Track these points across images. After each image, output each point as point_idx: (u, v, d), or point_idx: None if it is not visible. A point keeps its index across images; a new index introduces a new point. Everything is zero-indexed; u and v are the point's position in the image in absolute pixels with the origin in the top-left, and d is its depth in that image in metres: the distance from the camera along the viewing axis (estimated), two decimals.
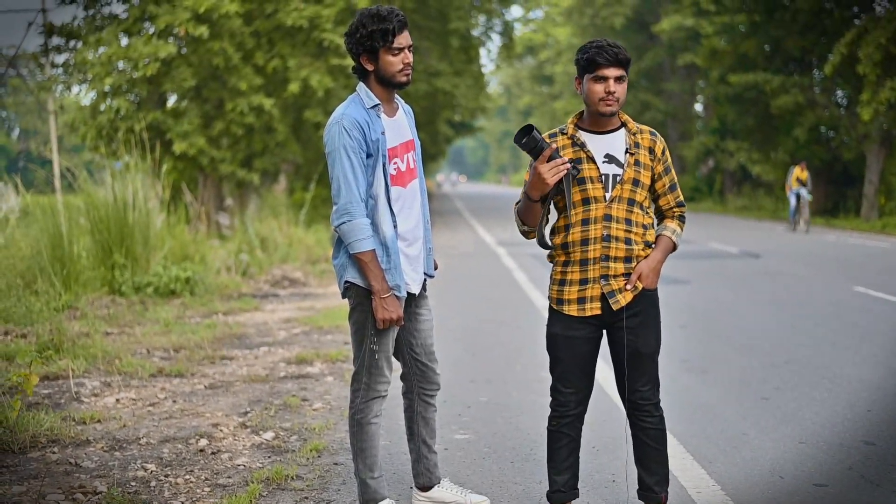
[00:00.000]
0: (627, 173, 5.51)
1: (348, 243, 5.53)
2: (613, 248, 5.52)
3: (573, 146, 5.56)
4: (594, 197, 5.50)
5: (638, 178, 5.53)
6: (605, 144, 5.55)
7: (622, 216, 5.53)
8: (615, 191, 5.50)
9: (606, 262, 5.53)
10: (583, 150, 5.52)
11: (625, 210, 5.53)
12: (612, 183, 5.51)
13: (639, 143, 5.58)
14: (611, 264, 5.54)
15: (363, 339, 5.71)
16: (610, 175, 5.52)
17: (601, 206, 5.51)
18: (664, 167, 5.66)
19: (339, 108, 5.64)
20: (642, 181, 5.56)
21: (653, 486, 5.82)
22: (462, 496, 6.22)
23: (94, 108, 23.26)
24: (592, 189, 5.50)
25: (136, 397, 9.02)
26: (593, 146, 5.54)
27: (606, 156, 5.53)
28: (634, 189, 5.53)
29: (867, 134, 37.80)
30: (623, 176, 5.50)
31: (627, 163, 5.52)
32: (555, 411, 5.80)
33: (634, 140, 5.58)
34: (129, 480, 6.66)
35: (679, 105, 63.71)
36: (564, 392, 5.73)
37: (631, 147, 5.55)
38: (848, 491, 6.53)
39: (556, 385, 5.76)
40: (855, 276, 19.10)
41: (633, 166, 5.52)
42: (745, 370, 10.49)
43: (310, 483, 6.66)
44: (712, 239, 29.31)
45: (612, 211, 5.51)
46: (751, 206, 49.79)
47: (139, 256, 15.60)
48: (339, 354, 10.92)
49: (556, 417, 5.80)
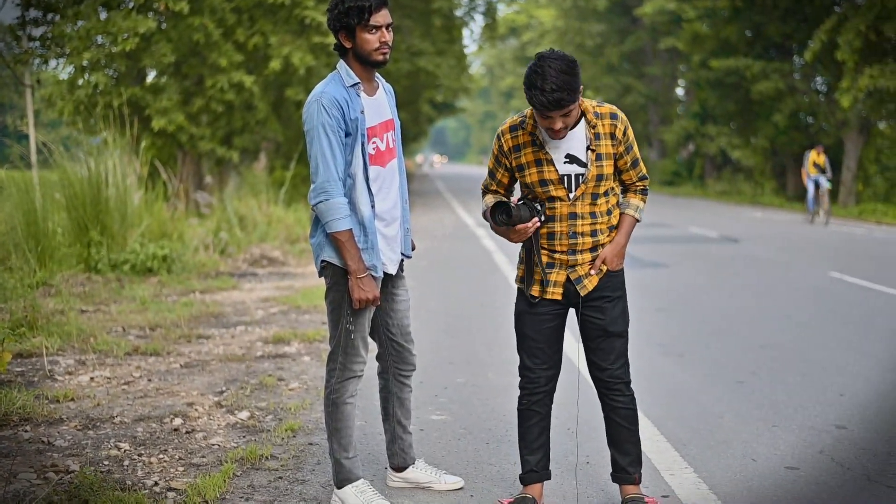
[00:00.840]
0: (591, 171, 5.48)
1: (325, 222, 5.50)
2: (580, 243, 5.54)
3: (533, 144, 5.53)
4: (557, 196, 5.50)
5: (601, 172, 5.51)
6: (565, 143, 5.49)
7: (587, 211, 5.53)
8: (579, 190, 5.49)
9: (574, 255, 5.56)
10: (541, 151, 5.49)
11: (589, 205, 5.53)
12: (576, 183, 5.50)
13: (599, 135, 5.51)
14: (578, 256, 5.57)
15: (339, 318, 5.69)
16: (572, 175, 5.49)
17: (565, 204, 5.51)
18: (626, 146, 5.61)
19: (319, 86, 5.61)
20: (606, 173, 5.53)
21: (626, 467, 5.83)
22: (436, 477, 6.21)
23: (72, 82, 23.08)
24: (555, 190, 5.50)
25: (111, 376, 8.99)
26: (553, 146, 5.49)
27: (567, 156, 5.49)
28: (598, 184, 5.52)
29: (846, 121, 37.91)
30: (587, 175, 5.48)
31: (590, 160, 5.49)
32: (524, 389, 5.80)
33: (594, 132, 5.51)
34: (102, 459, 6.64)
35: (660, 89, 63.78)
36: (534, 369, 5.73)
37: (592, 142, 5.49)
38: (819, 474, 6.55)
39: (525, 362, 5.77)
40: (831, 262, 19.15)
41: (594, 163, 5.49)
42: (721, 354, 10.51)
43: (284, 463, 6.65)
44: (692, 223, 29.35)
45: (577, 209, 5.51)
46: (730, 191, 49.88)
47: (116, 234, 15.51)
48: (317, 334, 10.90)
49: (526, 395, 5.80)
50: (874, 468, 6.67)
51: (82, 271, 14.84)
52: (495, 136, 5.73)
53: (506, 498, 5.90)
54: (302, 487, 6.20)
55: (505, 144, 5.62)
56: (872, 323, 12.39)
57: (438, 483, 6.19)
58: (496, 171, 5.77)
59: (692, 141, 56.73)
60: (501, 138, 5.65)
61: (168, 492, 6.03)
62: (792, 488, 6.27)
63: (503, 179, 5.76)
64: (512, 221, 5.41)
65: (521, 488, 5.94)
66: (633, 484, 5.82)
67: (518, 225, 5.43)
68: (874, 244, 23.84)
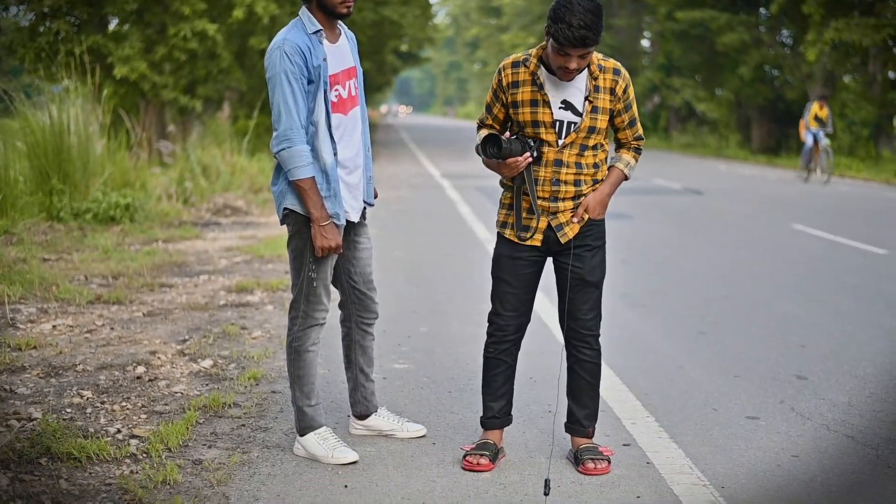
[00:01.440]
0: (584, 122, 5.46)
1: (288, 170, 5.49)
2: (562, 191, 5.52)
3: (532, 84, 5.49)
4: (546, 141, 5.49)
5: (594, 125, 5.49)
6: (564, 88, 5.46)
7: (572, 161, 5.51)
8: (569, 138, 5.47)
9: (555, 202, 5.53)
10: (540, 91, 5.46)
11: (576, 155, 5.51)
12: (567, 130, 5.47)
13: (599, 87, 5.48)
14: (560, 204, 5.54)
15: (301, 266, 5.69)
16: (565, 122, 5.46)
17: (552, 150, 5.49)
18: (625, 104, 5.60)
19: (281, 33, 5.57)
20: (599, 126, 5.51)
21: (581, 420, 5.85)
22: (399, 425, 6.23)
23: (33, 29, 22.89)
24: (545, 133, 5.48)
25: (73, 324, 8.95)
26: (551, 89, 5.46)
27: (563, 102, 5.46)
28: (589, 136, 5.50)
29: (810, 74, 38.00)
30: (580, 124, 5.46)
31: (585, 111, 5.46)
32: (492, 336, 5.81)
33: (595, 84, 5.48)
34: (64, 407, 6.62)
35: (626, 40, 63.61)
36: (504, 315, 5.73)
37: (591, 93, 5.46)
38: (779, 423, 6.60)
39: (497, 308, 5.76)
40: (794, 215, 19.25)
41: (590, 114, 5.46)
42: (683, 305, 10.57)
43: (247, 410, 6.65)
44: (656, 175, 29.39)
45: (563, 156, 5.49)
46: (695, 144, 49.98)
47: (78, 182, 15.41)
48: (280, 283, 10.88)
49: (493, 343, 5.81)
50: (834, 418, 6.73)
51: (44, 220, 14.76)
52: (497, 69, 5.68)
53: (468, 444, 5.92)
54: (265, 435, 6.20)
55: (505, 79, 5.58)
56: (834, 275, 12.47)
57: (401, 431, 6.21)
58: (493, 106, 5.72)
59: (657, 93, 56.75)
60: (502, 72, 5.61)
61: (131, 439, 6.03)
62: (752, 437, 6.32)
63: (499, 115, 5.71)
64: (502, 154, 5.37)
65: (481, 433, 5.96)
66: (587, 437, 5.85)
67: (508, 158, 5.40)
68: (838, 197, 23.95)
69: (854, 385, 7.56)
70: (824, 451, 6.08)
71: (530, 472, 5.63)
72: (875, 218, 19.53)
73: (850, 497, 5.37)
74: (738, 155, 42.78)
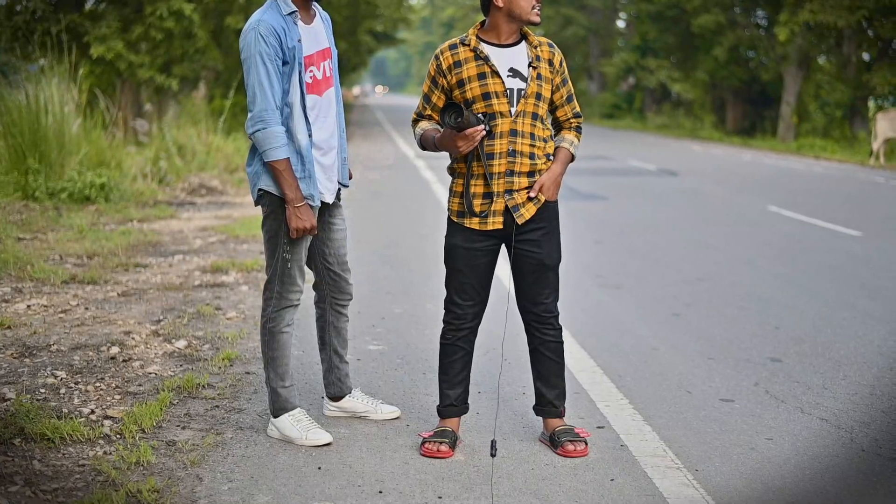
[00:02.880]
0: (531, 87, 5.49)
1: (263, 151, 5.48)
2: (518, 163, 5.50)
3: (476, 59, 5.51)
4: (500, 112, 5.48)
5: (540, 91, 5.52)
6: (508, 58, 5.52)
7: (527, 131, 5.51)
8: (520, 105, 5.48)
9: (511, 176, 5.51)
10: (486, 63, 5.48)
11: (529, 125, 5.51)
12: (517, 97, 5.49)
13: (539, 56, 5.55)
14: (515, 179, 5.51)
15: (276, 247, 5.68)
16: (515, 90, 5.49)
17: (507, 120, 5.48)
18: (562, 79, 5.66)
19: (256, 14, 5.56)
20: (544, 94, 5.55)
21: (553, 401, 5.85)
22: (373, 406, 6.24)
23: (10, 8, 22.81)
24: (498, 104, 5.48)
25: (48, 304, 8.93)
26: (497, 60, 5.50)
27: (510, 70, 5.49)
28: (537, 103, 5.52)
29: (785, 55, 38.11)
30: (527, 90, 5.49)
31: (531, 76, 5.50)
32: (450, 324, 5.79)
33: (536, 53, 5.55)
34: (38, 387, 6.61)
35: (601, 21, 63.80)
36: (462, 304, 5.71)
37: (533, 60, 5.52)
38: (753, 406, 6.63)
39: (454, 297, 5.74)
40: (769, 196, 19.32)
41: (535, 80, 5.50)
42: (658, 287, 10.59)
43: (221, 392, 6.65)
44: (631, 156, 29.44)
45: (518, 126, 5.49)
46: (670, 125, 50.08)
47: (53, 161, 15.37)
48: (255, 264, 10.87)
49: (451, 331, 5.79)
50: (808, 401, 6.76)
51: (19, 199, 14.73)
52: (432, 57, 5.69)
53: (426, 431, 5.92)
54: (239, 416, 6.20)
55: (444, 62, 5.58)
56: (809, 257, 12.52)
57: (375, 412, 6.22)
58: (431, 95, 5.71)
59: (632, 74, 56.85)
60: (440, 56, 5.60)
61: (104, 420, 6.02)
62: (726, 420, 6.34)
63: (438, 103, 5.68)
64: (461, 124, 5.34)
65: (438, 421, 5.96)
66: (559, 417, 5.86)
67: (467, 129, 5.38)
68: (812, 178, 24.04)
69: (828, 368, 7.59)
70: (798, 434, 6.10)
71: (504, 453, 5.64)
72: (850, 200, 19.60)
73: (824, 480, 5.40)
74: (712, 136, 42.90)
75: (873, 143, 28.56)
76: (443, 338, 5.84)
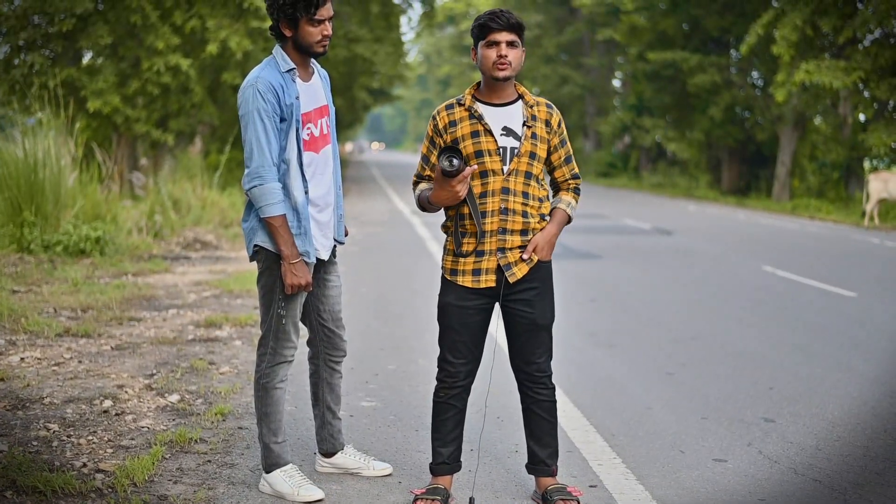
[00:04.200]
0: (525, 146, 5.53)
1: (259, 207, 5.51)
2: (511, 221, 5.53)
3: (470, 118, 5.57)
4: (492, 170, 5.52)
5: (535, 150, 5.56)
6: (502, 117, 5.57)
7: (520, 189, 5.54)
8: (513, 164, 5.52)
9: (504, 234, 5.54)
10: (480, 122, 5.53)
11: (522, 183, 5.55)
12: (510, 156, 5.53)
13: (535, 116, 5.61)
14: (508, 237, 5.54)
15: (271, 303, 5.70)
16: (508, 148, 5.53)
17: (499, 178, 5.52)
18: (560, 139, 5.70)
19: (254, 71, 5.61)
20: (539, 154, 5.59)
21: (545, 459, 5.84)
22: (365, 463, 6.23)
23: (8, 62, 22.92)
24: (490, 162, 5.51)
25: (41, 356, 8.93)
26: (490, 118, 5.56)
27: (504, 128, 5.55)
28: (531, 162, 5.56)
29: (781, 115, 38.25)
30: (520, 149, 5.52)
31: (525, 135, 5.54)
32: (443, 382, 5.79)
33: (531, 112, 5.60)
34: (30, 440, 6.60)
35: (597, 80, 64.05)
36: (454, 363, 5.72)
37: (528, 120, 5.57)
38: (747, 466, 6.62)
39: (446, 356, 5.75)
40: (763, 256, 19.34)
41: (529, 139, 5.55)
42: (652, 345, 10.59)
43: (213, 446, 6.64)
44: (626, 215, 29.51)
45: (510, 184, 5.52)
46: (665, 184, 50.19)
47: (49, 214, 15.40)
48: (249, 318, 10.88)
49: (444, 388, 5.79)
50: (801, 462, 6.75)
51: (15, 251, 14.75)
52: (430, 118, 5.75)
53: (419, 488, 5.90)
54: (231, 471, 6.19)
55: (440, 122, 5.64)
56: (803, 317, 12.52)
57: (367, 469, 6.21)
58: (430, 155, 5.75)
59: (628, 133, 57.02)
60: (437, 116, 5.68)
61: (96, 473, 6.01)
62: (720, 480, 6.33)
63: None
64: (458, 168, 5.36)
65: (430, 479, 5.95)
66: (552, 476, 5.85)
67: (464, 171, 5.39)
68: (807, 239, 24.08)
69: (822, 428, 7.58)
70: (791, 495, 6.10)
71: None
72: (844, 260, 19.62)
73: None
74: (707, 195, 42.97)
75: (866, 204, 28.63)
76: (436, 395, 5.84)
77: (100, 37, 22.27)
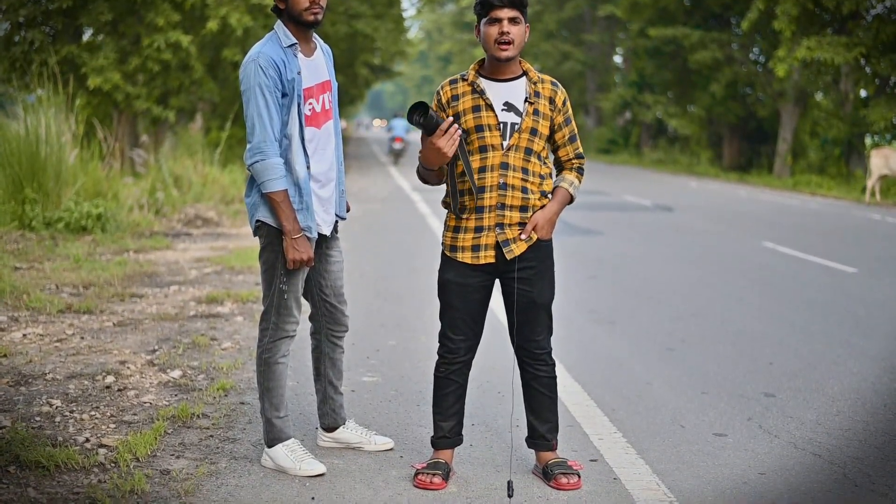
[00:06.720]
0: (525, 122, 5.51)
1: (261, 182, 5.51)
2: (509, 196, 5.52)
3: (473, 93, 5.56)
4: (491, 145, 5.51)
5: (536, 127, 5.55)
6: (504, 92, 5.56)
7: (519, 165, 5.53)
8: (512, 139, 5.51)
9: (502, 210, 5.53)
10: (482, 97, 5.53)
11: (522, 159, 5.54)
12: (510, 131, 5.52)
13: (539, 93, 5.58)
14: (506, 213, 5.53)
15: (273, 278, 5.71)
16: (508, 123, 5.52)
17: (498, 153, 5.51)
18: (564, 118, 5.68)
19: (256, 46, 5.60)
20: (540, 131, 5.57)
21: (545, 434, 5.86)
22: (367, 437, 6.25)
23: (8, 39, 22.86)
24: (490, 137, 5.51)
25: (44, 333, 8.94)
26: (492, 93, 5.55)
27: (505, 104, 5.53)
28: (532, 138, 5.54)
29: (782, 92, 38.21)
30: (521, 125, 5.51)
31: (526, 111, 5.52)
32: (443, 358, 5.80)
33: (535, 89, 5.58)
34: (33, 416, 6.62)
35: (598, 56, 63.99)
36: (454, 339, 5.73)
37: (531, 96, 5.55)
38: (747, 441, 6.63)
39: (447, 332, 5.76)
40: (764, 232, 19.35)
41: (531, 115, 5.53)
42: (652, 322, 10.60)
43: (215, 421, 6.66)
44: (627, 191, 29.49)
45: (509, 159, 5.51)
46: (666, 160, 50.16)
47: (50, 191, 15.41)
48: (250, 295, 10.89)
49: (444, 364, 5.81)
50: (801, 436, 6.76)
51: (16, 228, 14.76)
52: (434, 93, 5.74)
53: (420, 462, 5.92)
54: (233, 446, 6.21)
55: (444, 96, 5.64)
56: (803, 293, 12.53)
57: (369, 444, 6.23)
58: None
59: (629, 109, 56.96)
60: (441, 91, 5.66)
61: (99, 448, 6.03)
62: (720, 454, 6.35)
63: None
64: (427, 121, 5.30)
65: (431, 453, 5.97)
66: (551, 450, 5.87)
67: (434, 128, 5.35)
68: (808, 215, 24.08)
69: (822, 403, 7.60)
70: (791, 470, 6.11)
71: (497, 486, 5.64)
72: (845, 236, 19.62)
73: None
74: (708, 172, 42.96)
75: (868, 180, 28.62)
76: (436, 371, 5.85)
77: (100, 13, 22.23)
